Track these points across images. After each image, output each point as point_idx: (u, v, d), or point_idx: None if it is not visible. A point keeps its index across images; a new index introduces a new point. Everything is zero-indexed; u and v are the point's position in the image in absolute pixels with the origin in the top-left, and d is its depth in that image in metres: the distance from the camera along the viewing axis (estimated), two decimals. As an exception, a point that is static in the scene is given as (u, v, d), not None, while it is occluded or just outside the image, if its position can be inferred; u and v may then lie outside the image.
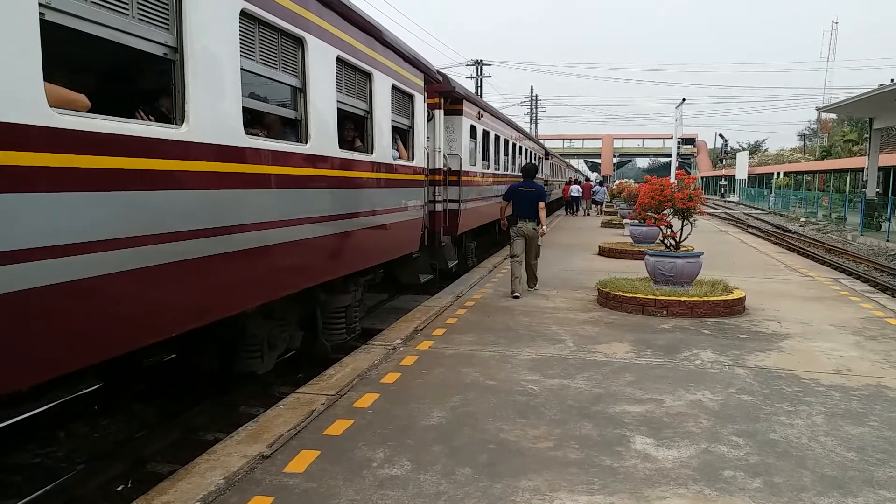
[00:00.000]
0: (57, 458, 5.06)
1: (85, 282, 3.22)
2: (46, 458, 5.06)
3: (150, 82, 4.42)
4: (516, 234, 9.46)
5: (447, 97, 11.18)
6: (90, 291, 3.27)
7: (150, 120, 4.06)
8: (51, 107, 3.03)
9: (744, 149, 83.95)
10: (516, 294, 9.15)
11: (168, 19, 3.84)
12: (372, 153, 7.06)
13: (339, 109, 6.18)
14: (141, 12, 3.63)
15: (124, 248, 3.45)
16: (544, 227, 9.53)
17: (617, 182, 36.52)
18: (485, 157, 14.30)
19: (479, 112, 13.21)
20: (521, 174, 10.60)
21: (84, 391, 5.93)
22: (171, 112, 4.03)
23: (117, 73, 4.70)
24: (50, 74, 3.03)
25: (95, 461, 4.93)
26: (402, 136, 8.56)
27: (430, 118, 10.49)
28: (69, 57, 3.95)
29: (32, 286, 2.92)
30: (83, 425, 5.57)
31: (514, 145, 18.76)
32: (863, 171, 30.02)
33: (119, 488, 4.64)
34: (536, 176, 10.08)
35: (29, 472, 4.77)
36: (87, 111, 3.34)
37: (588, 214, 32.05)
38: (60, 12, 3.10)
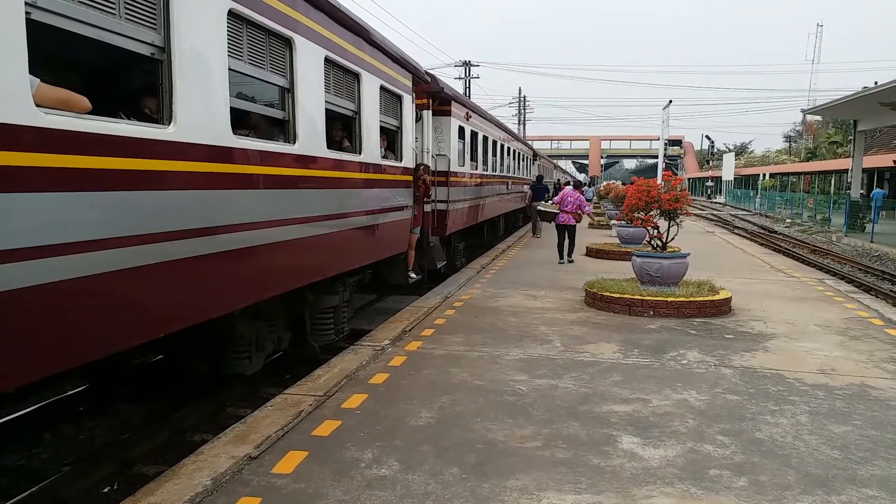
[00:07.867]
0: (43, 460, 5.02)
1: (72, 282, 3.20)
2: (32, 459, 5.02)
3: (138, 82, 4.40)
4: (533, 209, 16.69)
5: (436, 98, 11.18)
6: (77, 292, 3.25)
7: (154, 117, 4.04)
8: (43, 107, 3.01)
9: (730, 150, 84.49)
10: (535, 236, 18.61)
11: (155, 19, 3.83)
12: (360, 154, 7.06)
13: (327, 110, 6.18)
14: (128, 12, 3.62)
15: (111, 248, 3.44)
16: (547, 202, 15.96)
17: (604, 183, 37.42)
18: (473, 157, 14.33)
19: (467, 113, 13.23)
20: (533, 178, 22.33)
21: (70, 392, 5.88)
22: (159, 112, 4.02)
23: (105, 73, 4.68)
24: (36, 74, 3.01)
25: (81, 463, 4.89)
26: (391, 136, 8.56)
27: (419, 119, 10.49)
28: (56, 56, 3.92)
29: (18, 286, 2.91)
30: (69, 427, 5.53)
31: (502, 146, 18.78)
32: (847, 173, 30.32)
33: (105, 490, 4.62)
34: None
35: (14, 474, 4.73)
36: (87, 113, 3.32)
37: None
38: (47, 11, 3.09)
